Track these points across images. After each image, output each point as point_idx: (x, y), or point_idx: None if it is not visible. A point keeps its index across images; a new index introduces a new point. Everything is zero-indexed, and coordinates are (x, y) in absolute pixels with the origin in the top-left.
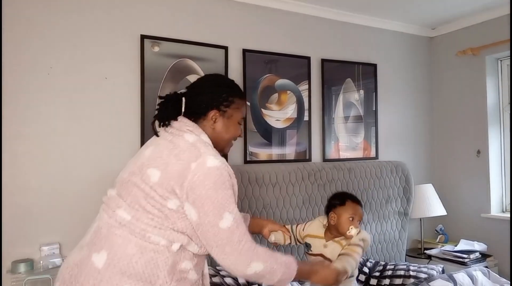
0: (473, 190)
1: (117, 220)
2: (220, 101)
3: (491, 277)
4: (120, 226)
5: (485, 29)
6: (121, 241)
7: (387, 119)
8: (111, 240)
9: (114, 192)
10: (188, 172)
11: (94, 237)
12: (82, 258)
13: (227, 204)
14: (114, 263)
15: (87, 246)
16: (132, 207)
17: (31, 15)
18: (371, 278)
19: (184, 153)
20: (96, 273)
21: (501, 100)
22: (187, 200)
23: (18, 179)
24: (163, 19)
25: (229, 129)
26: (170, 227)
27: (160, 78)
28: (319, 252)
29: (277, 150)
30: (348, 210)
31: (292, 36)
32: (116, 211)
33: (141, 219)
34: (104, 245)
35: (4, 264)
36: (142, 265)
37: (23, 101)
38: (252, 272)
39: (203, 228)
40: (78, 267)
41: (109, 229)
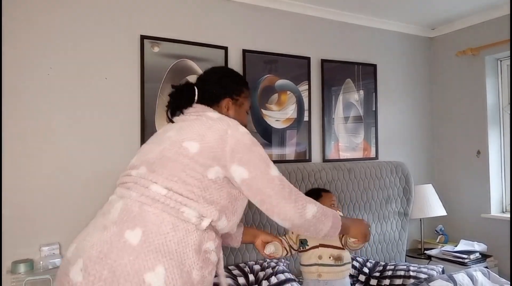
0: (473, 190)
1: (151, 195)
2: (232, 90)
3: (491, 278)
4: (153, 202)
5: (485, 29)
6: (154, 219)
7: (387, 119)
8: (145, 218)
9: (143, 170)
10: (226, 137)
11: (124, 215)
12: (113, 235)
13: (268, 158)
14: (150, 240)
15: (116, 225)
16: (170, 180)
17: (31, 15)
18: (371, 278)
19: (216, 124)
20: (130, 250)
21: (501, 100)
22: (233, 162)
23: (18, 179)
24: (163, 19)
25: (240, 117)
26: (207, 198)
27: (160, 78)
28: (318, 243)
29: (277, 151)
30: (327, 199)
31: (292, 36)
32: (149, 187)
33: (179, 191)
34: (138, 222)
35: (4, 264)
36: (175, 243)
37: (23, 101)
38: (311, 215)
39: (257, 181)
40: (108, 244)
41: (141, 207)
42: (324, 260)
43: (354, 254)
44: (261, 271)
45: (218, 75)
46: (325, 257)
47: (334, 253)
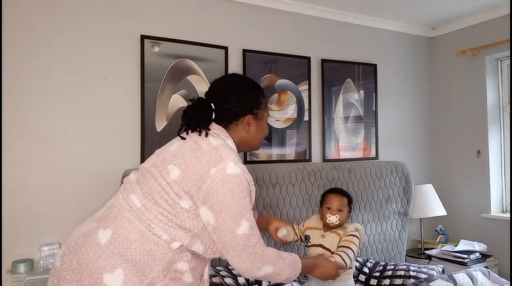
0: (473, 190)
1: (129, 204)
2: (252, 105)
3: (491, 278)
4: (130, 210)
5: (485, 29)
6: (127, 225)
7: (387, 119)
8: (119, 221)
9: (134, 177)
10: (207, 176)
11: (105, 214)
12: (90, 230)
13: (243, 212)
14: (116, 244)
15: (97, 221)
16: (146, 196)
17: (31, 15)
18: (371, 278)
19: (205, 157)
20: (97, 248)
21: (501, 100)
22: (204, 204)
23: (18, 179)
24: (163, 19)
25: (262, 129)
26: (178, 224)
27: (160, 78)
28: (318, 243)
29: (277, 150)
30: (326, 201)
31: (292, 36)
32: (130, 196)
33: (151, 210)
34: (111, 224)
35: (4, 264)
36: (140, 253)
37: (23, 101)
38: (263, 274)
39: (220, 233)
40: (84, 237)
41: (120, 210)
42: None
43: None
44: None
45: (235, 90)
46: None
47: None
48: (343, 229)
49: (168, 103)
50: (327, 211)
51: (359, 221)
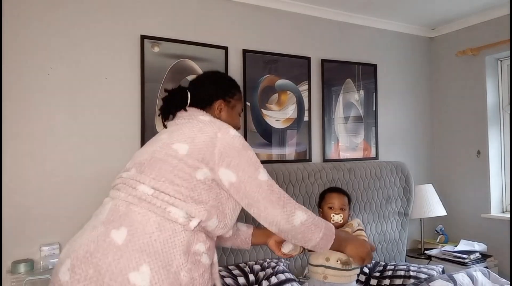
0: (473, 190)
1: (137, 195)
2: (225, 92)
3: (491, 278)
4: (139, 202)
5: (485, 29)
6: (140, 218)
7: (387, 119)
8: (131, 217)
9: (133, 172)
10: (215, 140)
11: (111, 215)
12: (99, 235)
13: (258, 162)
14: (135, 240)
15: (103, 224)
16: (158, 180)
17: (31, 15)
18: (371, 278)
19: (206, 127)
20: (115, 249)
21: (501, 100)
22: (221, 165)
23: (18, 179)
24: (163, 19)
25: (233, 119)
26: (195, 199)
27: (160, 78)
28: None
29: (277, 151)
30: (327, 201)
31: (292, 36)
32: (137, 187)
33: (167, 191)
34: (124, 222)
35: (4, 264)
36: (161, 243)
37: (23, 101)
38: (299, 222)
39: (245, 185)
40: (94, 243)
41: (128, 206)
42: (331, 263)
43: None
44: (261, 271)
45: (210, 79)
46: (332, 260)
47: (342, 257)
48: (349, 226)
49: None
50: (330, 211)
51: None
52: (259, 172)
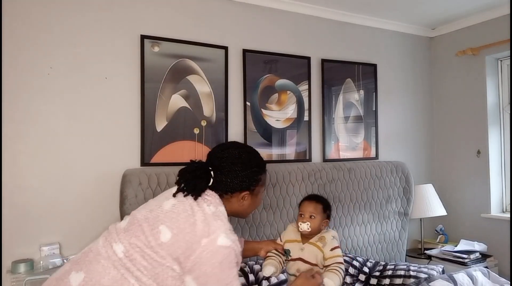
0: (473, 190)
1: (108, 252)
2: (251, 183)
3: (491, 277)
4: (107, 258)
5: (485, 29)
6: (101, 270)
7: (387, 119)
8: (93, 265)
9: (124, 225)
10: (197, 246)
11: (80, 257)
12: (63, 273)
13: (230, 284)
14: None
15: (71, 263)
16: (132, 248)
17: (31, 15)
18: (371, 278)
19: (198, 226)
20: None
21: (501, 100)
22: (190, 274)
23: (18, 179)
24: (163, 19)
25: (255, 204)
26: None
27: (160, 78)
28: (298, 256)
29: (277, 150)
30: (300, 209)
31: (292, 36)
32: (112, 245)
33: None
34: (85, 267)
35: (4, 264)
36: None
37: (23, 101)
38: None
39: None
40: (56, 280)
41: (96, 256)
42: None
43: (355, 254)
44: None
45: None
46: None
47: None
48: (321, 240)
49: (168, 103)
50: (299, 219)
51: (359, 221)
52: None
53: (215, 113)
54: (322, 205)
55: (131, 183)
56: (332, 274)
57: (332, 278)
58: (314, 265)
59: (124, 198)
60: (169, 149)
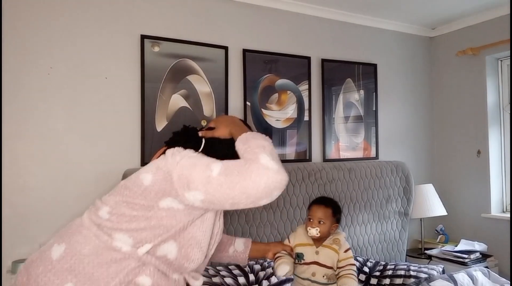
0: (473, 190)
1: (93, 219)
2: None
3: (491, 277)
4: (90, 226)
5: (485, 29)
6: (82, 240)
7: (387, 119)
8: (75, 237)
9: (107, 194)
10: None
11: (63, 230)
12: (46, 246)
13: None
14: (67, 258)
15: (54, 237)
16: (118, 204)
17: (31, 15)
18: (371, 278)
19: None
20: (48, 263)
21: (501, 100)
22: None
23: (18, 179)
24: (163, 19)
25: None
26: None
27: (160, 78)
28: (313, 260)
29: (277, 150)
30: (309, 212)
31: (292, 36)
32: (98, 212)
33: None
34: (66, 239)
35: (4, 264)
36: (93, 267)
37: (23, 101)
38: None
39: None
40: (39, 253)
41: (78, 227)
42: (318, 278)
43: (355, 254)
44: (261, 270)
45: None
46: (318, 275)
47: (328, 273)
48: (336, 242)
49: (168, 103)
50: (308, 223)
51: (359, 221)
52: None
53: (215, 113)
54: (331, 209)
55: None
56: (348, 280)
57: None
58: (329, 268)
59: None
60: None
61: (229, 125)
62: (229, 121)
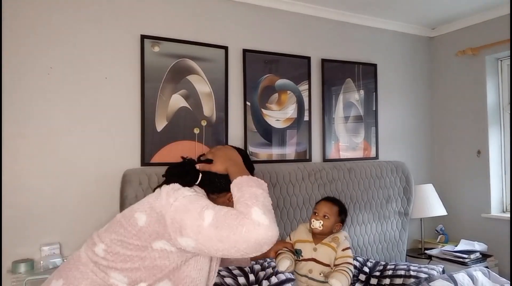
0: (473, 190)
1: (89, 255)
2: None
3: (491, 277)
4: (86, 263)
5: (485, 29)
6: (79, 276)
7: (387, 119)
8: (72, 272)
9: (104, 228)
10: (166, 209)
11: (62, 265)
12: (46, 282)
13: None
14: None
15: (54, 273)
16: (114, 243)
17: (31, 15)
18: (371, 278)
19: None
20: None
21: (501, 100)
22: (175, 234)
23: (18, 179)
24: (163, 19)
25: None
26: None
27: (160, 78)
28: (311, 257)
29: (277, 150)
30: (315, 207)
31: (292, 36)
32: (95, 247)
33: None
34: (64, 274)
35: (4, 264)
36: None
37: (23, 101)
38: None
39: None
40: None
41: (75, 262)
42: (314, 275)
43: (355, 254)
44: (261, 271)
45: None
46: (315, 272)
47: (325, 270)
48: (335, 240)
49: (168, 103)
50: (312, 216)
51: (359, 221)
52: (203, 219)
53: (215, 113)
54: (338, 207)
55: (131, 183)
56: (340, 275)
57: (339, 278)
58: (327, 266)
59: (124, 198)
60: (169, 149)
61: (226, 162)
62: (227, 157)
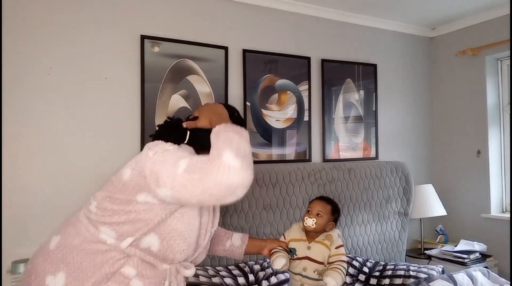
0: (473, 190)
1: (84, 212)
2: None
3: (491, 278)
4: (82, 219)
5: (485, 29)
6: (73, 232)
7: (387, 119)
8: (68, 229)
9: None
10: (145, 161)
11: (62, 224)
12: (47, 239)
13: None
14: (61, 249)
15: (56, 229)
16: (104, 199)
17: (31, 15)
18: (371, 278)
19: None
20: (46, 252)
21: (501, 100)
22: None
23: (18, 179)
24: (163, 19)
25: None
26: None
27: (160, 78)
28: (305, 255)
29: (277, 150)
30: (308, 206)
31: (292, 36)
32: (90, 205)
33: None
34: (61, 231)
35: (4, 264)
36: (81, 258)
37: (23, 101)
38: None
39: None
40: (42, 244)
41: (72, 220)
42: (308, 273)
43: (354, 254)
44: (261, 271)
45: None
46: (309, 270)
47: (319, 268)
48: (328, 238)
49: (168, 103)
50: (306, 214)
51: (359, 221)
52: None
53: None
54: (331, 206)
55: None
56: (335, 273)
57: (334, 277)
58: (321, 264)
59: None
60: None
61: (209, 115)
62: (210, 110)
